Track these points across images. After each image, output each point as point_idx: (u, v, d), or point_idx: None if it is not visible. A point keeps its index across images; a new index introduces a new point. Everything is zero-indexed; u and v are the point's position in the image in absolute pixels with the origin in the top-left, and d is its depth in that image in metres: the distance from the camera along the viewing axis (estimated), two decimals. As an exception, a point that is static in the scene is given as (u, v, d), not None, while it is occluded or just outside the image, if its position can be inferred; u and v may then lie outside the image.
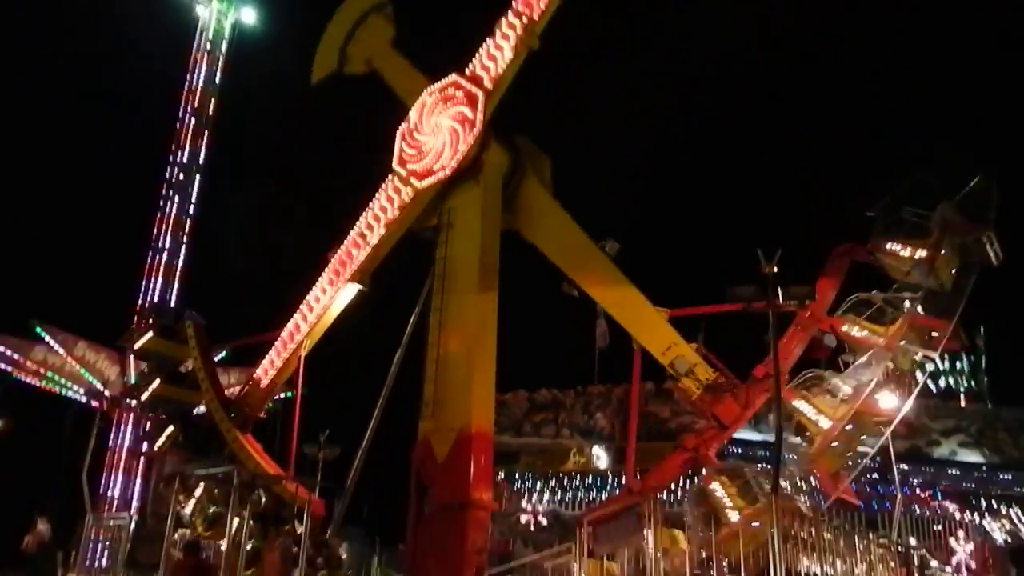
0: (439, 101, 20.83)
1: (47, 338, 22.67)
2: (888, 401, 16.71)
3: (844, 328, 17.17)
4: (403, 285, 22.43)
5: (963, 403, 35.13)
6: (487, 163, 21.02)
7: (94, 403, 21.95)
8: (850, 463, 17.16)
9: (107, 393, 22.27)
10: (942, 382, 37.00)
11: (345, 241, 21.00)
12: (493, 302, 20.84)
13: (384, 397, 19.75)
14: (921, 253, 16.78)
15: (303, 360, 20.60)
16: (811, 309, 17.33)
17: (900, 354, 16.84)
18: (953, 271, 16.83)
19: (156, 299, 25.28)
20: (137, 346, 16.44)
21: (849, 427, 16.38)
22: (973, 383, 38.16)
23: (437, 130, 20.54)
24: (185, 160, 27.72)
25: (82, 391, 22.55)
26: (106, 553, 16.05)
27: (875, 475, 26.52)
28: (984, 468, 28.18)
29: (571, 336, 20.56)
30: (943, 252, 16.58)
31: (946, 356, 37.44)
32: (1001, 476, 27.95)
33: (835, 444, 16.38)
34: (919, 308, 16.81)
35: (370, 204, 20.97)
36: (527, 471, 24.45)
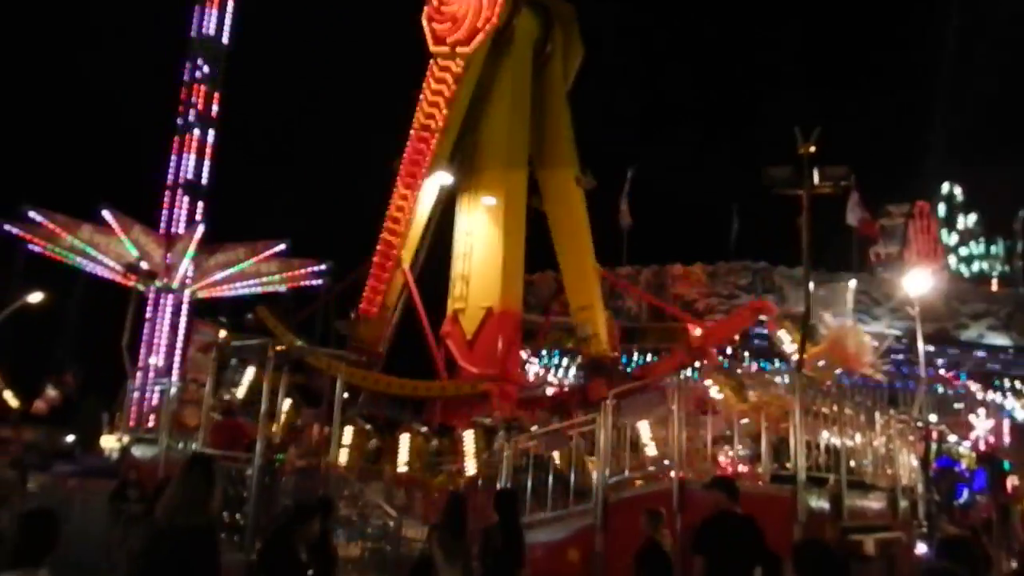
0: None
1: (110, 220, 22.87)
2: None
3: None
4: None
5: (995, 287, 34.86)
6: (518, 29, 20.52)
7: (133, 282, 22.26)
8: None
9: (147, 269, 22.66)
10: (975, 267, 36.61)
11: (409, 142, 20.35)
12: (522, 180, 20.73)
13: (415, 276, 20.02)
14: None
15: (408, 273, 20.42)
16: None
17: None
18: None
19: (189, 176, 25.31)
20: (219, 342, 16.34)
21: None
22: (1007, 267, 37.75)
23: (465, -4, 19.79)
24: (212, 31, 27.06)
25: (121, 270, 22.91)
26: (149, 416, 16.89)
27: (901, 356, 26.72)
28: (1010, 350, 28.24)
29: (599, 217, 20.49)
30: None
31: (982, 239, 36.90)
32: (1027, 359, 28.09)
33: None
34: None
35: (420, 97, 20.20)
36: (554, 348, 24.81)
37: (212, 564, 5.04)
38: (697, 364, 18.65)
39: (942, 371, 27.94)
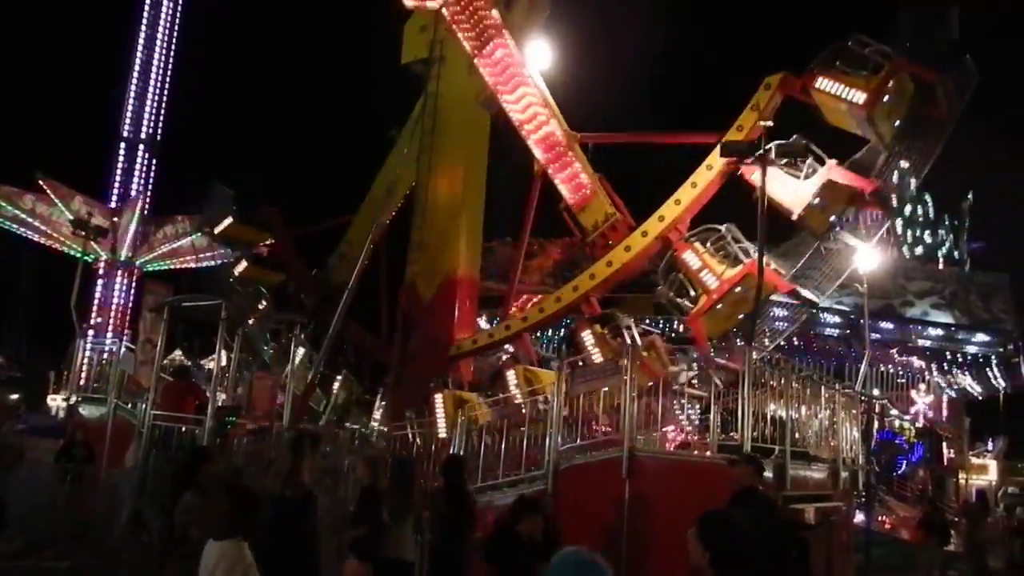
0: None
1: (47, 189, 21.97)
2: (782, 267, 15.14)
3: (820, 84, 14.57)
4: (393, 123, 21.84)
5: (941, 266, 35.85)
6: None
7: (82, 250, 21.42)
8: (735, 329, 15.69)
9: (96, 225, 22.00)
10: (922, 246, 37.54)
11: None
12: (484, 142, 20.54)
13: (370, 240, 19.81)
14: (858, 96, 14.07)
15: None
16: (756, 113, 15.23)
17: (881, 116, 14.32)
18: (896, 123, 14.56)
19: (146, 130, 24.38)
20: (218, 231, 16.02)
21: (738, 289, 14.74)
22: (954, 247, 38.82)
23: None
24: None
25: (65, 240, 22.06)
26: (94, 374, 16.64)
27: (848, 330, 27.41)
28: (953, 328, 29.12)
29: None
30: (886, 98, 14.07)
31: (930, 218, 37.80)
32: (968, 336, 28.97)
33: (719, 307, 14.94)
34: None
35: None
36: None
37: (312, 525, 6.70)
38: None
39: (886, 347, 28.74)
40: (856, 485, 13.33)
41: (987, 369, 30.17)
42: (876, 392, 24.43)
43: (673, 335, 23.56)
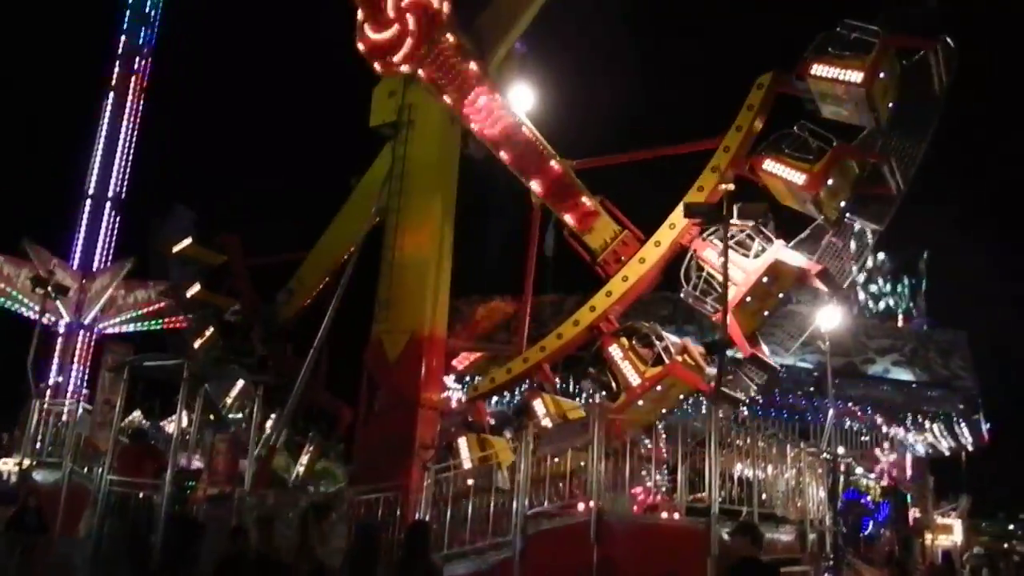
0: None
1: (32, 255, 21.43)
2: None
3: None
4: (354, 169, 22.05)
5: (900, 323, 36.50)
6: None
7: (40, 315, 20.82)
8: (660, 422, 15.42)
9: (58, 283, 21.46)
10: (882, 304, 38.29)
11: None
12: (451, 204, 20.70)
13: (338, 298, 19.72)
14: (855, 76, 14.18)
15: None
16: (731, 153, 15.65)
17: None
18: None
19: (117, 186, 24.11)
20: (176, 250, 15.95)
21: (659, 388, 14.76)
22: (912, 305, 39.58)
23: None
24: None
25: (25, 300, 21.61)
26: (49, 437, 16.16)
27: (812, 388, 27.65)
28: (914, 385, 29.51)
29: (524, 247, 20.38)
30: (882, 76, 14.21)
31: (889, 279, 38.62)
32: (928, 393, 29.36)
33: (641, 403, 14.80)
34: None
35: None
36: (478, 374, 24.79)
37: None
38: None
39: (850, 404, 29.00)
40: (824, 547, 13.30)
41: (949, 426, 30.55)
42: (841, 450, 24.56)
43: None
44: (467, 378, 26.98)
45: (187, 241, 15.51)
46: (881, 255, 38.62)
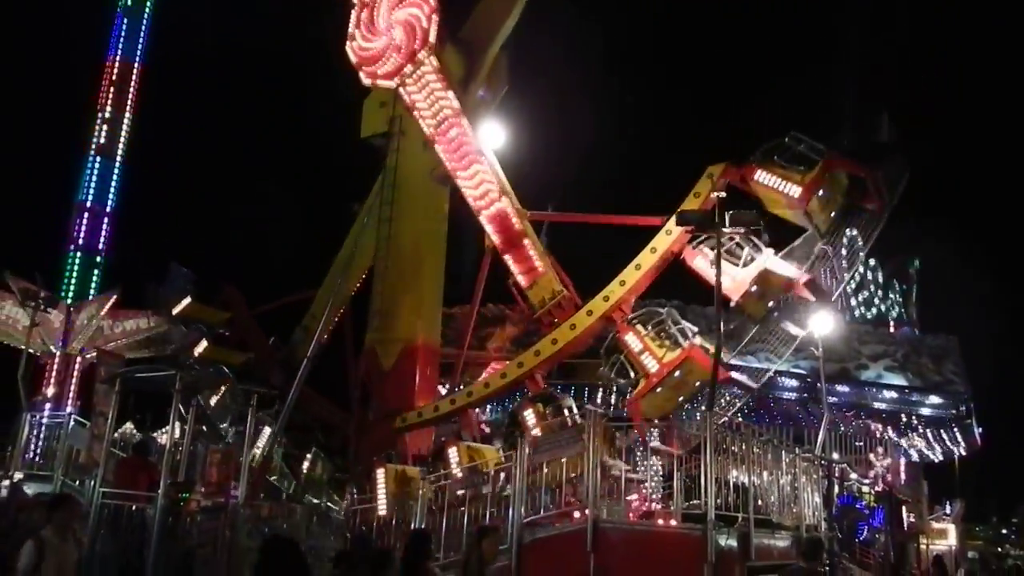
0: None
1: (14, 288, 21.06)
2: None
3: (758, 176, 15.37)
4: (353, 195, 22.04)
5: (892, 329, 36.60)
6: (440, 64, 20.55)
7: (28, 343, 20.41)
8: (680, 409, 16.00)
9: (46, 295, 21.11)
10: (874, 310, 38.41)
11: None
12: (443, 213, 20.72)
13: (329, 309, 19.69)
14: (794, 191, 14.80)
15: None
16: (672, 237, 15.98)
17: (817, 207, 14.91)
18: (831, 214, 15.25)
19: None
20: (176, 311, 15.51)
21: (676, 374, 15.03)
22: (904, 311, 39.72)
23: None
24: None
25: (14, 336, 21.26)
26: (41, 450, 16.04)
27: (805, 394, 27.69)
28: (906, 390, 29.57)
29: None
30: (820, 192, 14.77)
31: (880, 284, 38.79)
32: (921, 398, 29.44)
33: (658, 390, 15.12)
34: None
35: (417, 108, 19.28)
36: (472, 381, 24.76)
37: None
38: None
39: (843, 410, 29.04)
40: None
41: (942, 431, 30.63)
42: (835, 456, 24.60)
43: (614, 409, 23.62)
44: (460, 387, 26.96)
45: (186, 301, 15.35)
46: (872, 261, 38.81)
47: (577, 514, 11.09)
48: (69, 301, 22.47)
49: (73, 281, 24.21)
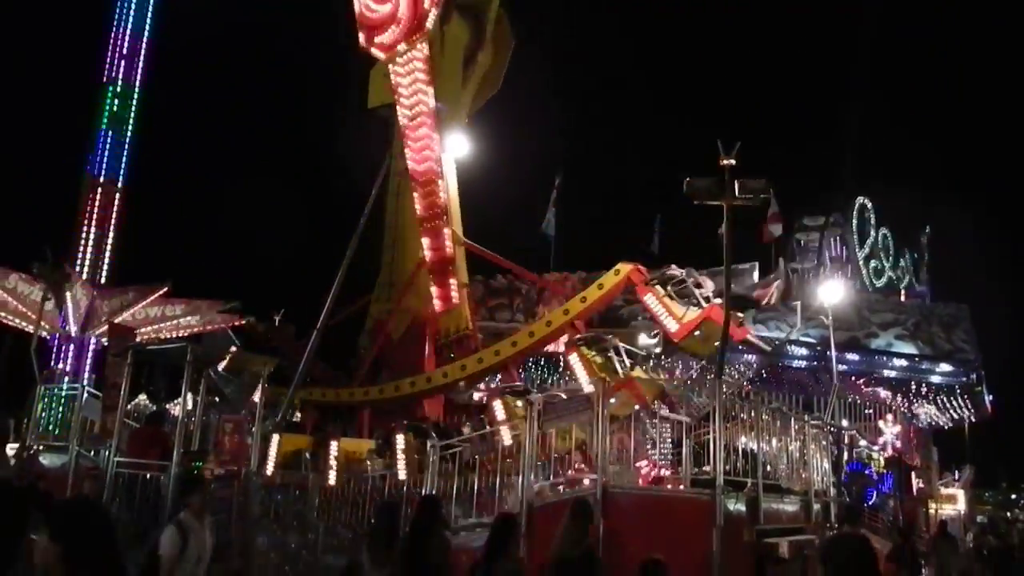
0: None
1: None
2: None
3: (646, 299, 16.20)
4: (361, 166, 22.00)
5: (903, 298, 36.44)
6: (448, 36, 20.44)
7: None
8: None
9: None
10: (884, 278, 38.24)
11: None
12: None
13: (340, 279, 19.72)
14: (672, 326, 15.47)
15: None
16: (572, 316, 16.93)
17: (693, 343, 15.53)
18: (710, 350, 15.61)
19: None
20: (222, 367, 15.22)
21: (696, 333, 15.21)
22: (915, 279, 39.53)
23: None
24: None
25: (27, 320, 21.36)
26: (55, 420, 16.23)
27: (815, 362, 27.65)
28: (917, 359, 29.49)
29: (527, 225, 20.57)
30: (696, 334, 15.14)
31: (892, 253, 38.61)
32: (931, 366, 29.36)
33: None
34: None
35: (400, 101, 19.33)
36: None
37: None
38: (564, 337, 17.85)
39: (853, 378, 29.01)
40: (829, 517, 13.36)
41: (952, 399, 30.58)
42: (845, 423, 24.62)
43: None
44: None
45: (232, 349, 15.37)
46: (884, 230, 38.56)
47: (587, 481, 11.15)
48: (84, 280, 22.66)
49: (87, 261, 24.43)
